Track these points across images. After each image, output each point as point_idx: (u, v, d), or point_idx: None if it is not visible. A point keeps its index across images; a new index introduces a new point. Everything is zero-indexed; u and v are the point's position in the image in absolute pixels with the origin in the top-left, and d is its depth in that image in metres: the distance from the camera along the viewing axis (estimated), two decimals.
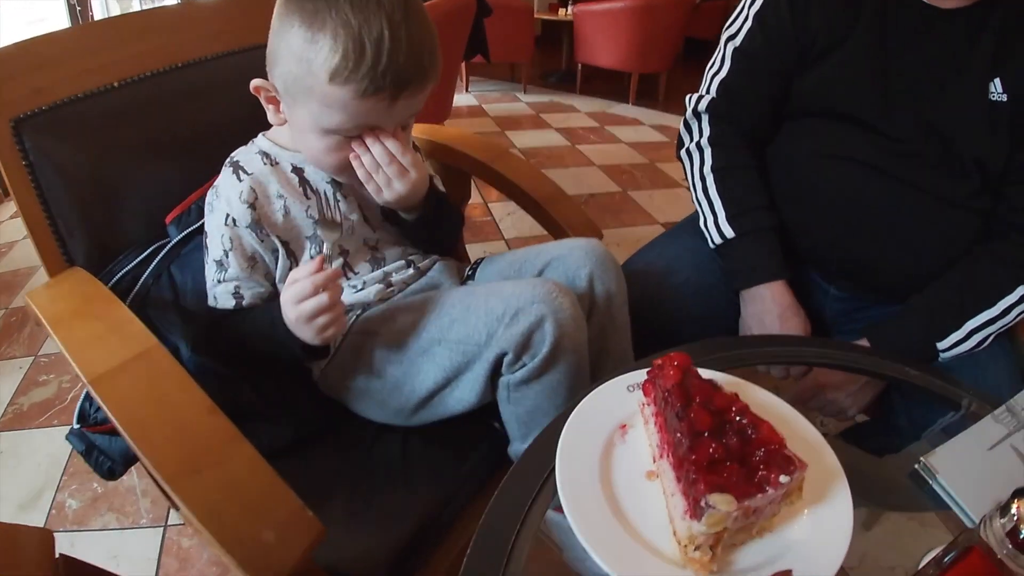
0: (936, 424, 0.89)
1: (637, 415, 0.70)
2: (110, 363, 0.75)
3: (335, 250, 1.01)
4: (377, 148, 0.89)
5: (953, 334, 1.00)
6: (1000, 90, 0.97)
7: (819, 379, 1.04)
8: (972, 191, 1.01)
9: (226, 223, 0.93)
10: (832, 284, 1.18)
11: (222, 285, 0.94)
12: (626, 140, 4.41)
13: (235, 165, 0.97)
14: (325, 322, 0.82)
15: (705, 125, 1.16)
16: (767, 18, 1.10)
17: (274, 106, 0.92)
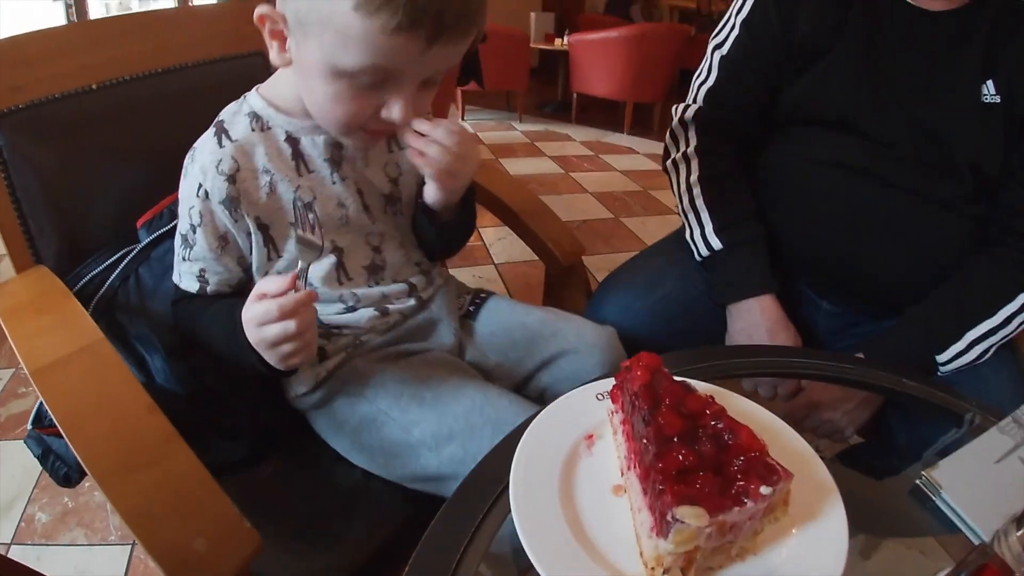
0: (938, 442, 0.84)
1: (606, 424, 0.65)
2: (54, 355, 0.73)
3: (328, 246, 0.88)
4: (440, 131, 0.77)
5: (953, 346, 0.97)
6: (993, 91, 0.96)
7: (812, 397, 1.00)
8: (967, 194, 0.99)
9: (197, 194, 0.81)
10: (824, 298, 1.14)
11: (187, 264, 0.84)
12: (620, 168, 4.42)
13: (219, 126, 0.84)
14: (290, 351, 0.70)
15: (692, 135, 1.14)
16: (754, 25, 1.09)
17: (279, 42, 0.76)
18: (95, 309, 0.93)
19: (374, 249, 0.93)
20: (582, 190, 3.91)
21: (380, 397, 0.85)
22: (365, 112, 0.74)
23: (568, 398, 0.68)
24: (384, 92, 0.72)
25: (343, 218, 0.89)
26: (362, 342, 0.92)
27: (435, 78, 0.75)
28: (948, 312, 0.99)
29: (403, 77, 0.71)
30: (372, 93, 0.72)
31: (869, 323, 1.11)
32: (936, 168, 0.99)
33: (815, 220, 1.07)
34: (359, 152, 0.90)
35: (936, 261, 1.01)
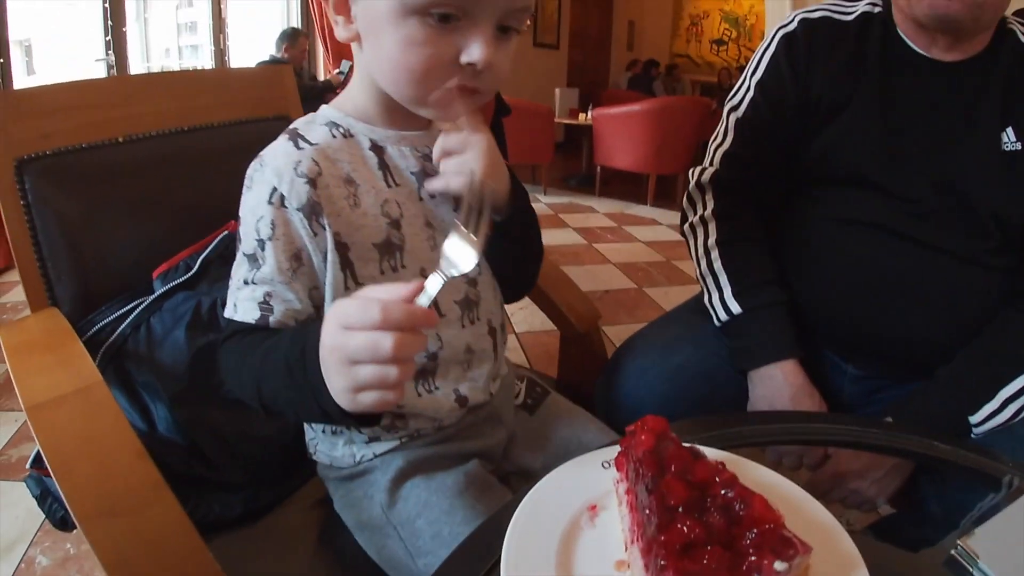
0: (975, 507, 0.79)
1: (611, 495, 0.61)
2: (50, 394, 0.72)
3: (415, 273, 0.76)
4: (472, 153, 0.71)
5: (987, 405, 0.93)
6: (1013, 139, 0.95)
7: (839, 467, 0.95)
8: (994, 248, 0.97)
9: (270, 201, 0.69)
10: (849, 362, 1.10)
11: (248, 288, 0.70)
12: (643, 239, 4.44)
13: (292, 132, 0.74)
14: (369, 380, 0.53)
15: (709, 198, 1.12)
16: (769, 85, 1.09)
17: (343, 16, 0.70)
18: (104, 356, 0.93)
19: (469, 281, 0.82)
20: (605, 261, 3.92)
21: (397, 510, 0.77)
22: (443, 58, 0.65)
23: (572, 465, 0.63)
24: (460, 34, 0.65)
25: (431, 239, 0.78)
26: (419, 434, 0.81)
27: (513, 23, 0.68)
28: (980, 370, 0.95)
29: (478, 10, 0.64)
30: (447, 34, 0.64)
31: (897, 387, 1.07)
32: (960, 222, 0.97)
33: (837, 281, 1.04)
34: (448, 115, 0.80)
35: (965, 319, 0.98)
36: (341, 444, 0.81)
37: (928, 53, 0.99)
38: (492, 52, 0.65)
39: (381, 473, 0.79)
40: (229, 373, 0.70)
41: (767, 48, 1.11)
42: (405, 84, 0.69)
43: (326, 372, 0.56)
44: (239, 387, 0.69)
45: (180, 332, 0.93)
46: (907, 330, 1.00)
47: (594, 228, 4.69)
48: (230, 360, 0.70)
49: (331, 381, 0.56)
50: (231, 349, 0.70)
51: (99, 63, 4.18)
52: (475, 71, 0.66)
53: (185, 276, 1.02)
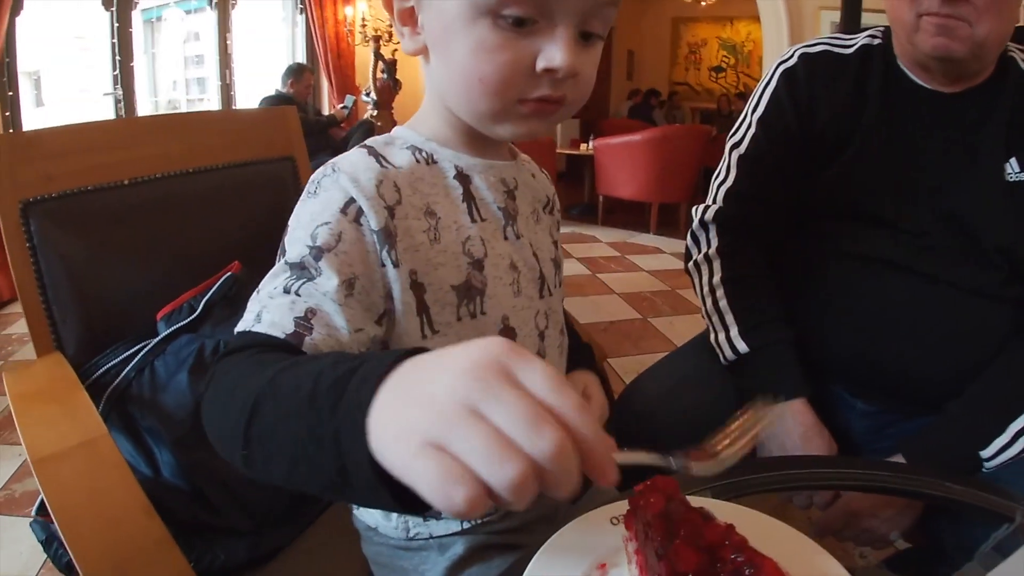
0: (989, 540, 0.78)
1: (621, 552, 0.59)
2: (56, 447, 0.72)
3: (496, 323, 0.69)
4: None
5: (997, 439, 0.91)
6: (1018, 169, 0.95)
7: (850, 505, 0.94)
8: (1002, 280, 0.96)
9: (343, 211, 0.60)
10: (858, 398, 1.09)
11: (287, 298, 0.56)
12: (647, 268, 4.44)
13: (372, 149, 0.66)
14: (511, 477, 0.34)
15: (713, 236, 1.12)
16: (770, 123, 1.09)
17: (410, 27, 0.64)
18: (108, 400, 0.93)
19: (540, 335, 0.75)
20: (609, 291, 3.92)
21: None
22: (519, 65, 0.59)
23: (581, 522, 0.62)
24: (536, 38, 0.58)
25: (515, 284, 0.71)
26: (484, 519, 0.75)
27: (597, 27, 0.61)
28: (990, 404, 0.94)
29: (557, 9, 0.57)
30: (522, 39, 0.58)
31: (907, 421, 1.05)
32: (967, 255, 0.97)
33: (844, 316, 1.03)
34: (528, 204, 0.75)
35: (975, 352, 0.97)
36: (396, 515, 0.74)
37: (929, 85, 1.00)
38: (574, 56, 0.58)
39: (438, 554, 0.73)
40: (217, 394, 0.52)
41: (768, 83, 1.11)
42: (479, 97, 0.61)
43: (405, 423, 0.37)
44: (220, 414, 0.51)
45: (183, 376, 0.93)
46: (916, 365, 0.99)
47: (597, 258, 4.69)
48: (226, 378, 0.52)
49: (394, 452, 0.37)
50: (234, 364, 0.53)
51: (107, 97, 4.24)
52: (556, 79, 0.60)
53: (188, 319, 1.02)
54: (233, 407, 0.48)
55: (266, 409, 0.45)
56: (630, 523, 0.56)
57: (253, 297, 0.59)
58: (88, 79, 4.29)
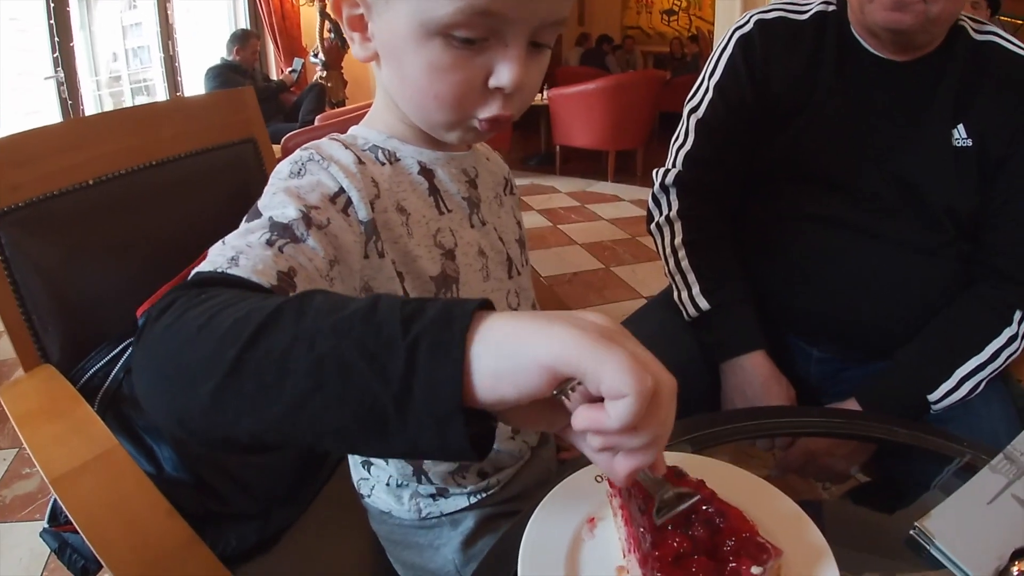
0: (938, 476, 0.86)
1: (606, 506, 0.66)
2: (71, 463, 0.73)
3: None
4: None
5: (943, 384, 0.99)
6: (964, 135, 0.99)
7: (808, 447, 1.01)
8: (947, 239, 1.03)
9: (332, 199, 0.60)
10: (814, 347, 1.17)
11: (270, 251, 0.52)
12: (606, 217, 4.49)
13: (344, 144, 0.66)
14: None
15: (673, 198, 1.17)
16: (727, 88, 1.12)
17: (359, 32, 0.63)
18: (101, 403, 0.94)
19: (512, 310, 0.78)
20: (571, 242, 3.97)
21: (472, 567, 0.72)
22: (471, 83, 0.59)
23: (569, 482, 0.68)
24: (488, 55, 0.58)
25: (484, 270, 0.74)
26: (487, 490, 0.79)
27: (546, 39, 0.61)
28: (937, 352, 1.01)
29: (507, 27, 0.57)
30: (474, 57, 0.58)
31: (860, 366, 1.14)
32: (915, 216, 1.02)
33: (800, 274, 1.09)
34: (489, 189, 0.77)
35: (923, 305, 1.04)
36: (407, 497, 0.78)
37: (881, 53, 1.03)
38: (524, 73, 0.59)
39: (451, 528, 0.78)
40: (181, 323, 0.42)
41: (724, 49, 1.14)
42: (434, 111, 0.62)
43: (569, 330, 0.37)
44: (186, 342, 0.41)
45: None
46: (868, 316, 1.06)
47: (557, 209, 4.72)
48: (196, 309, 0.43)
49: (561, 321, 0.38)
50: (206, 296, 0.45)
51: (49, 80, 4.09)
52: (506, 95, 0.60)
53: None
54: (214, 332, 0.40)
55: (281, 326, 0.39)
56: (612, 481, 0.63)
57: (217, 246, 0.53)
58: (26, 62, 4.11)
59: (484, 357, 0.37)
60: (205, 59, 5.05)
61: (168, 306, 0.45)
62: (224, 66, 4.65)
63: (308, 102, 4.93)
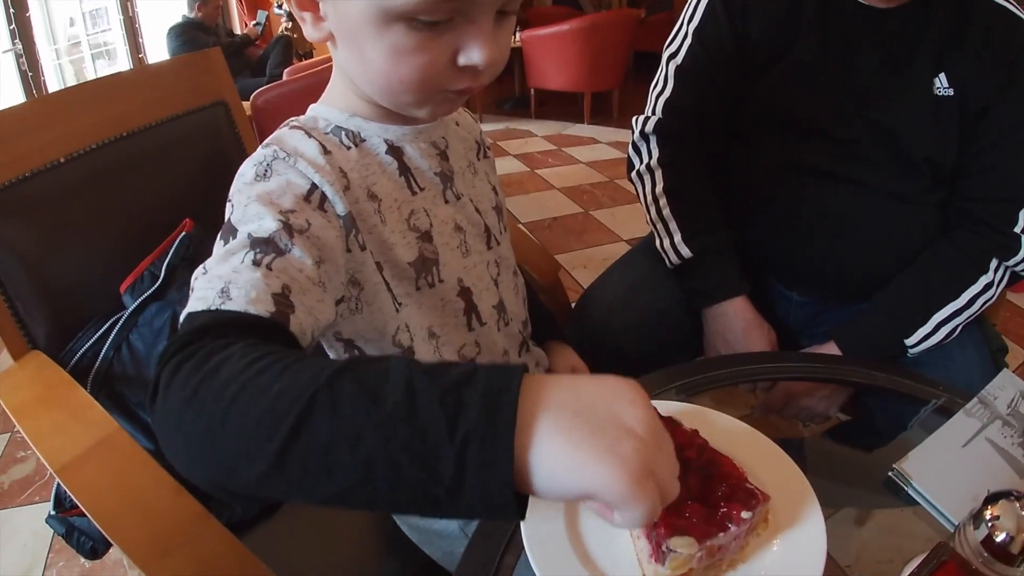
0: (915, 417, 0.89)
1: None
2: (74, 451, 0.74)
3: (453, 286, 0.71)
4: None
5: (920, 329, 1.02)
6: (946, 84, 0.99)
7: (789, 388, 1.05)
8: (925, 187, 1.04)
9: (307, 199, 0.58)
10: (794, 290, 1.19)
11: (259, 272, 0.50)
12: (584, 160, 4.46)
13: (306, 131, 0.63)
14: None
15: (654, 146, 1.17)
16: (706, 34, 1.11)
17: (311, 12, 0.59)
18: (94, 383, 0.94)
19: (494, 282, 0.77)
20: (549, 187, 3.95)
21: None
22: (439, 64, 0.57)
23: None
24: (455, 33, 0.55)
25: (462, 246, 0.73)
26: None
27: (510, 6, 0.58)
28: (915, 297, 1.04)
29: (473, 6, 0.54)
30: (440, 37, 0.55)
31: (839, 309, 1.16)
32: (894, 164, 1.03)
33: (780, 221, 1.11)
34: (461, 159, 0.75)
35: (901, 250, 1.06)
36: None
37: (864, 0, 1.02)
38: (495, 48, 0.56)
39: None
40: (201, 401, 0.41)
41: None
42: (399, 93, 0.60)
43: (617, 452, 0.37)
44: (217, 426, 0.40)
45: (163, 347, 0.95)
46: (846, 261, 1.08)
47: (534, 153, 4.68)
48: (214, 380, 0.41)
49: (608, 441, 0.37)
50: (220, 359, 0.42)
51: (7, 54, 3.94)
52: (476, 71, 0.58)
53: (153, 287, 1.03)
54: (248, 416, 0.39)
55: (319, 423, 0.38)
56: None
57: (201, 276, 0.51)
58: None
59: (535, 473, 0.37)
60: (166, 19, 4.89)
61: (178, 367, 0.43)
62: (186, 24, 4.51)
63: (275, 55, 4.80)
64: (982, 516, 0.50)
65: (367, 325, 0.66)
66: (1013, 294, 2.51)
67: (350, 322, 0.66)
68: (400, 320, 0.68)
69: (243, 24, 5.69)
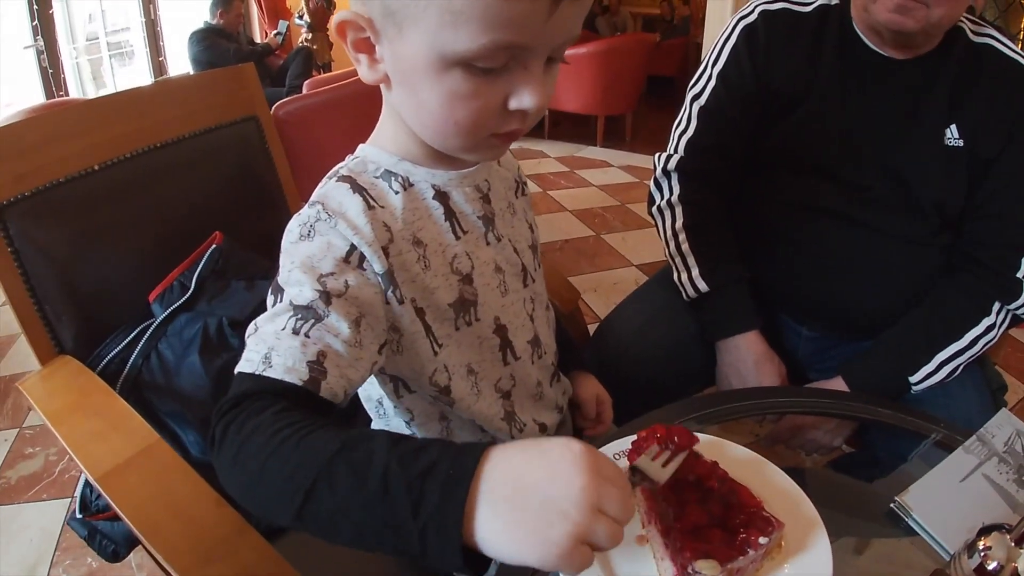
0: (913, 453, 0.92)
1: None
2: (115, 460, 0.75)
3: (489, 324, 0.75)
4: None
5: (924, 367, 1.05)
6: (956, 135, 1.03)
7: (795, 421, 1.07)
8: (933, 231, 1.07)
9: (347, 259, 0.62)
10: (803, 325, 1.22)
11: (298, 339, 0.57)
12: (596, 183, 4.49)
13: (354, 184, 0.66)
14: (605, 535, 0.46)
15: (675, 183, 1.20)
16: (730, 77, 1.15)
17: (367, 55, 0.61)
18: (122, 390, 0.96)
19: (530, 318, 0.80)
20: (561, 208, 3.97)
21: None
22: (492, 108, 0.59)
23: None
24: (507, 78, 0.58)
25: (501, 286, 0.75)
26: None
27: (558, 54, 0.61)
28: (919, 337, 1.07)
29: (527, 53, 0.56)
30: (495, 82, 0.57)
31: (846, 345, 1.19)
32: (905, 208, 1.07)
33: (794, 259, 1.14)
34: (502, 200, 0.77)
35: (908, 290, 1.09)
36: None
37: (881, 50, 1.06)
38: (545, 93, 0.59)
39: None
40: (245, 459, 0.51)
41: (728, 38, 1.17)
42: (451, 136, 0.62)
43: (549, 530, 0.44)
44: (257, 481, 0.51)
45: (194, 357, 0.97)
46: (855, 300, 1.12)
47: (547, 174, 4.71)
48: (253, 441, 0.51)
49: (540, 525, 0.44)
50: (258, 423, 0.52)
51: (28, 50, 3.98)
52: (525, 114, 0.61)
53: (183, 298, 1.05)
54: (274, 481, 0.50)
55: (323, 496, 0.48)
56: (633, 459, 0.68)
57: (252, 335, 0.59)
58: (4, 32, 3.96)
59: (485, 547, 0.45)
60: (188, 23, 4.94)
61: (226, 429, 0.53)
62: (208, 30, 4.56)
63: (295, 66, 4.85)
64: (975, 546, 0.54)
65: (406, 366, 0.71)
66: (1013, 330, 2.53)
67: (393, 362, 0.70)
68: (438, 363, 0.72)
69: (263, 33, 5.75)
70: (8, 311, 0.97)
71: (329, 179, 0.68)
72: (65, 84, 4.31)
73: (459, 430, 0.78)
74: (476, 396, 0.75)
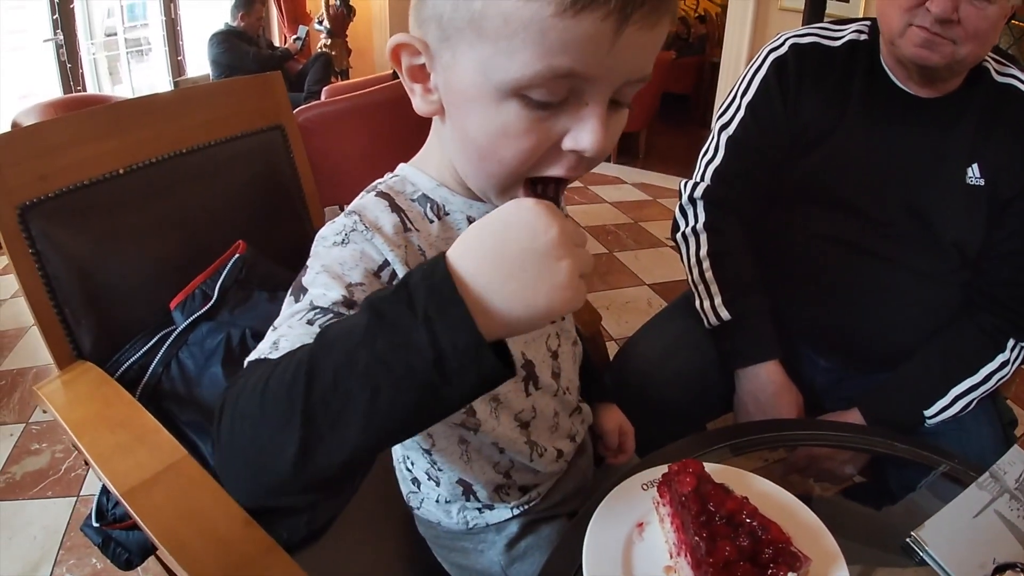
0: (922, 483, 0.93)
1: (651, 512, 0.73)
2: (141, 476, 0.74)
3: (518, 358, 0.73)
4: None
5: (939, 401, 1.07)
6: (978, 175, 1.04)
7: (811, 451, 1.07)
8: (952, 268, 1.09)
9: (377, 273, 0.60)
10: (821, 357, 1.23)
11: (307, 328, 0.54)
12: (609, 200, 4.49)
13: (392, 202, 0.65)
14: (587, 261, 0.47)
15: (700, 211, 1.21)
16: (759, 109, 1.16)
17: (421, 85, 0.59)
18: (140, 398, 0.95)
19: (552, 354, 0.80)
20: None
21: (516, 568, 0.81)
22: (541, 147, 0.55)
23: (619, 489, 0.75)
24: (565, 116, 0.54)
25: None
26: (529, 503, 0.84)
27: (625, 97, 0.56)
28: (935, 372, 1.09)
29: (589, 86, 0.52)
30: (551, 118, 0.53)
31: (862, 377, 1.20)
32: (925, 245, 1.08)
33: (815, 291, 1.15)
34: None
35: (925, 325, 1.11)
36: (455, 511, 0.82)
37: (907, 87, 1.07)
38: (606, 136, 0.54)
39: (495, 534, 0.83)
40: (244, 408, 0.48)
41: (758, 70, 1.17)
42: (493, 172, 0.58)
43: (521, 271, 0.44)
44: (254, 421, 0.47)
45: (217, 368, 0.96)
46: (873, 333, 1.13)
47: None
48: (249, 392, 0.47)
49: (542, 274, 0.44)
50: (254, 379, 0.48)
51: (47, 43, 3.99)
52: (579, 158, 0.56)
53: (205, 307, 1.04)
54: (274, 400, 0.45)
55: (323, 365, 0.44)
56: (663, 491, 0.71)
57: (270, 332, 0.57)
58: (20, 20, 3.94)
59: (494, 316, 0.44)
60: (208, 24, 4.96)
61: (223, 405, 0.49)
62: (228, 32, 4.57)
63: (314, 72, 4.86)
64: None
65: None
66: None
67: None
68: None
69: (283, 37, 5.76)
70: (16, 304, 0.96)
71: (368, 192, 0.67)
72: (83, 79, 4.32)
73: (476, 453, 0.78)
74: (496, 422, 0.76)
